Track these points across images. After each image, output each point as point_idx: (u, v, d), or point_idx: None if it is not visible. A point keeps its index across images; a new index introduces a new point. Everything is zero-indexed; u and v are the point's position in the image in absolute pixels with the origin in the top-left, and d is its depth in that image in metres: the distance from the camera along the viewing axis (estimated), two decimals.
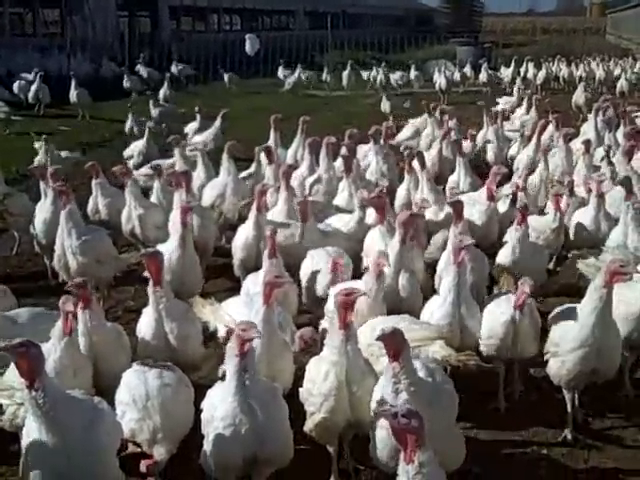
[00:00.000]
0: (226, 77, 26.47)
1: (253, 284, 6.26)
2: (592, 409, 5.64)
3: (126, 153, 12.71)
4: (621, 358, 5.34)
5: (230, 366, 4.19)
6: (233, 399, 4.12)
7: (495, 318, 5.49)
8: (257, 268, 6.64)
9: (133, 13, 34.74)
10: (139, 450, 4.56)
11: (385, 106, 19.18)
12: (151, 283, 5.39)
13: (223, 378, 4.77)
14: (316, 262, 6.70)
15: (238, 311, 5.65)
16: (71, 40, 28.11)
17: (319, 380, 4.51)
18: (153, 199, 8.87)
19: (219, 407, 4.19)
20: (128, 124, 15.51)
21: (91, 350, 5.16)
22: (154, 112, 16.97)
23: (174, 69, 26.69)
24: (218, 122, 13.78)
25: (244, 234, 7.50)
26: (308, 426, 4.62)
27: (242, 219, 8.14)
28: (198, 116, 14.66)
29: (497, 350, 5.49)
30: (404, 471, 3.51)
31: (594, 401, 5.67)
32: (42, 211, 8.32)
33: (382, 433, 4.12)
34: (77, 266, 7.29)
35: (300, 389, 4.74)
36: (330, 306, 5.70)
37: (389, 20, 61.72)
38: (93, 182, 8.99)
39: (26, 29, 32.77)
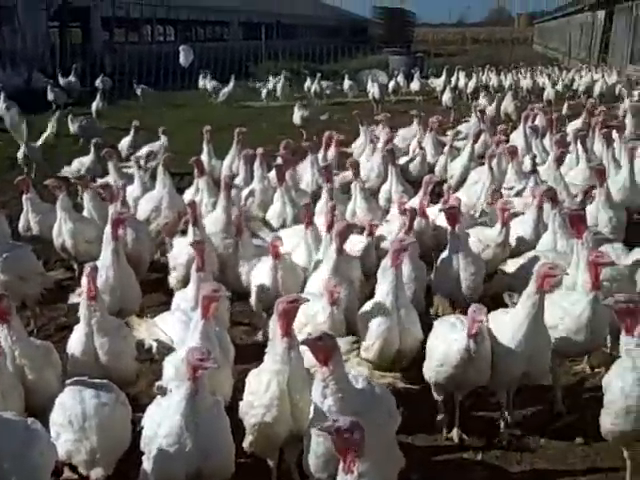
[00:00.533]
0: (139, 91, 25.91)
1: (183, 300, 6.24)
2: (525, 410, 5.78)
3: (70, 170, 12.14)
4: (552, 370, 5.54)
5: (181, 389, 4.17)
6: (180, 418, 4.09)
7: (448, 345, 5.17)
8: None
9: (65, 24, 34.18)
10: (75, 477, 4.51)
11: (296, 117, 18.28)
12: (85, 297, 5.29)
13: (161, 392, 4.81)
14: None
15: (171, 327, 5.63)
16: (0, 52, 27.48)
17: (260, 391, 4.49)
18: (85, 213, 8.74)
19: (163, 424, 4.15)
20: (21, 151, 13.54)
21: (17, 368, 5.00)
22: (73, 127, 16.63)
23: (98, 82, 26.14)
24: (163, 137, 13.53)
25: (186, 250, 7.20)
26: (248, 440, 4.60)
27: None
28: (132, 130, 14.42)
29: (448, 378, 5.23)
30: None
31: (526, 403, 5.81)
32: None
33: (316, 444, 4.12)
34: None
35: (240, 403, 4.71)
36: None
37: (323, 30, 62.17)
38: (23, 197, 8.81)
39: None
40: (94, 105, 20.30)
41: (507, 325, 5.21)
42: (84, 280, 5.31)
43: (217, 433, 4.19)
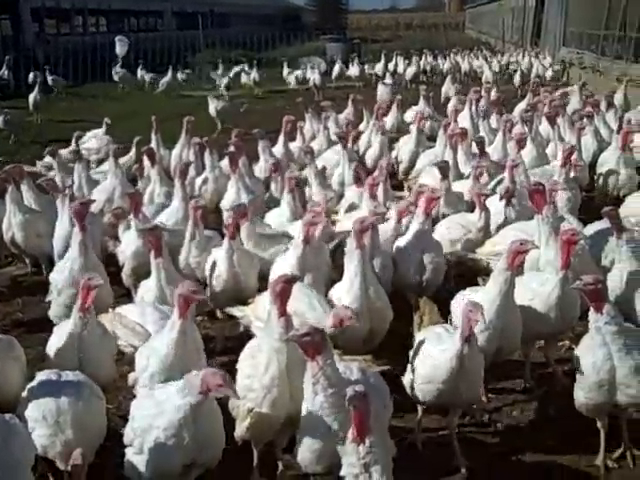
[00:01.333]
0: (50, 79, 25.32)
1: (146, 291, 6.18)
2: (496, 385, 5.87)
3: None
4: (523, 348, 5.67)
5: (193, 394, 4.03)
6: (183, 414, 4.02)
7: (436, 358, 4.74)
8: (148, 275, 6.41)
9: None
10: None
11: (211, 109, 17.82)
12: (79, 306, 5.07)
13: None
14: None
15: (141, 319, 5.55)
16: None
17: (259, 373, 4.46)
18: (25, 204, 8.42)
19: (161, 417, 4.08)
20: None
21: None
22: None
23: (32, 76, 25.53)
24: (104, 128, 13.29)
25: (133, 242, 7.21)
26: (243, 427, 4.56)
27: None
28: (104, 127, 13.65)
29: (437, 397, 4.81)
30: (354, 451, 3.54)
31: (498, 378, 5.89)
32: None
33: (311, 438, 4.12)
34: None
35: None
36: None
37: (257, 19, 61.84)
38: None
39: None
40: (31, 98, 19.81)
41: (479, 300, 5.26)
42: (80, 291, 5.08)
43: (213, 424, 4.19)
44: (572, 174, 8.62)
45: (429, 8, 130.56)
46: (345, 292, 5.66)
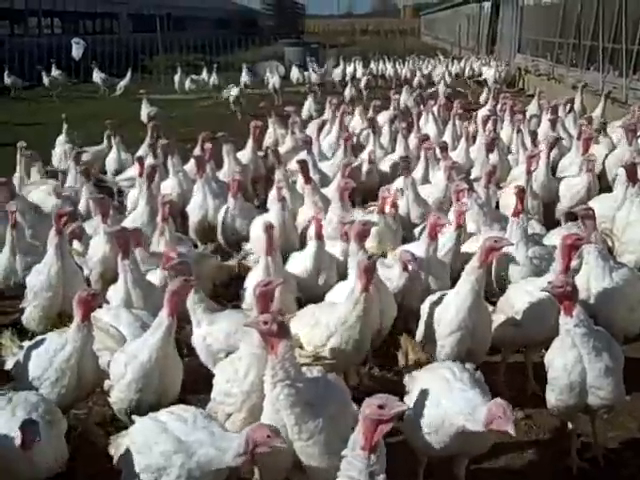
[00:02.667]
0: (7, 79, 25.13)
1: (114, 294, 6.13)
2: None
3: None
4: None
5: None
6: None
7: (444, 410, 4.20)
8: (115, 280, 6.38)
9: None
10: None
11: (143, 114, 17.45)
12: (78, 320, 4.92)
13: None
14: None
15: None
16: None
17: (239, 378, 4.45)
18: None
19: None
20: None
21: None
22: None
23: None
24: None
25: (100, 248, 7.12)
26: None
27: None
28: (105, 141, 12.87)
29: (445, 448, 4.29)
30: (362, 459, 3.40)
31: None
32: None
33: None
34: None
35: (213, 394, 4.67)
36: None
37: (215, 23, 61.56)
38: None
39: None
40: None
41: (450, 301, 5.35)
42: (76, 304, 4.94)
43: None
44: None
45: (384, 14, 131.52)
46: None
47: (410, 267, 5.92)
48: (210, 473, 3.79)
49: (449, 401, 4.18)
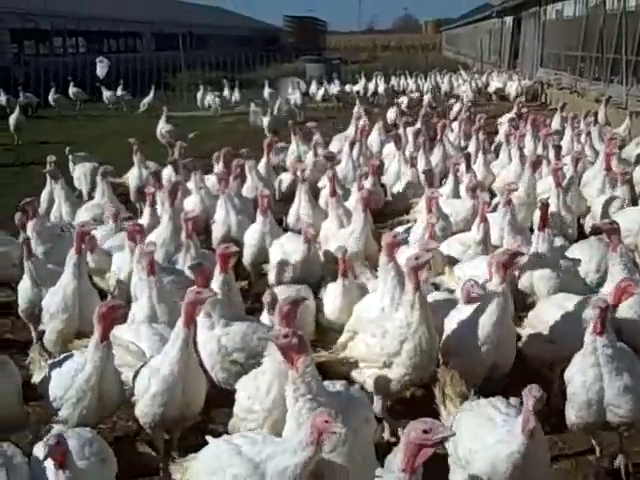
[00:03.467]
0: (22, 97, 25.25)
1: (139, 310, 6.11)
2: None
3: None
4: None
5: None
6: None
7: (495, 453, 3.98)
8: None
9: None
10: None
11: (158, 130, 17.37)
12: (97, 339, 4.87)
13: None
14: None
15: (137, 338, 5.49)
16: None
17: (261, 394, 4.45)
18: None
19: None
20: None
21: None
22: None
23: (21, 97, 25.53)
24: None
25: (127, 264, 7.11)
26: None
27: None
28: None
29: None
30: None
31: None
32: None
33: None
34: None
35: (235, 410, 4.68)
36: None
37: (236, 40, 62.02)
38: None
39: None
40: (12, 119, 19.67)
41: (474, 316, 5.31)
42: (97, 320, 4.90)
43: None
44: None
45: (406, 30, 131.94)
46: (387, 306, 5.68)
47: (473, 295, 5.64)
48: (290, 476, 3.70)
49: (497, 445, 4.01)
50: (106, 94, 27.47)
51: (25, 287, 6.79)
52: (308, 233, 7.28)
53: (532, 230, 7.53)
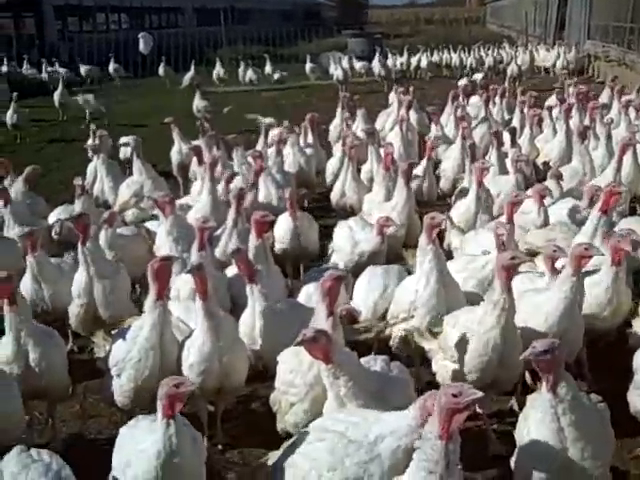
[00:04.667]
0: (112, 67, 25.69)
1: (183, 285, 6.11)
2: None
3: None
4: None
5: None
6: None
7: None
8: None
9: (17, 14, 33.51)
10: None
11: (194, 107, 17.56)
12: (153, 297, 4.90)
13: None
14: None
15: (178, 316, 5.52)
16: None
17: (303, 369, 4.45)
18: None
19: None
20: None
21: (21, 349, 4.94)
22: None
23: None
24: None
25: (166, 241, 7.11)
26: (288, 421, 4.55)
27: None
28: None
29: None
30: (439, 449, 3.27)
31: None
32: None
33: None
34: None
35: (276, 383, 4.71)
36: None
37: (278, 15, 61.74)
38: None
39: None
40: (56, 95, 19.87)
41: (542, 305, 5.10)
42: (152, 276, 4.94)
43: None
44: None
45: (449, 2, 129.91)
46: (422, 287, 5.49)
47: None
48: (401, 458, 3.61)
49: None
50: (165, 69, 27.46)
51: (27, 283, 6.40)
52: (384, 227, 6.90)
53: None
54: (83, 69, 26.67)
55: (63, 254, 7.10)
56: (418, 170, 9.24)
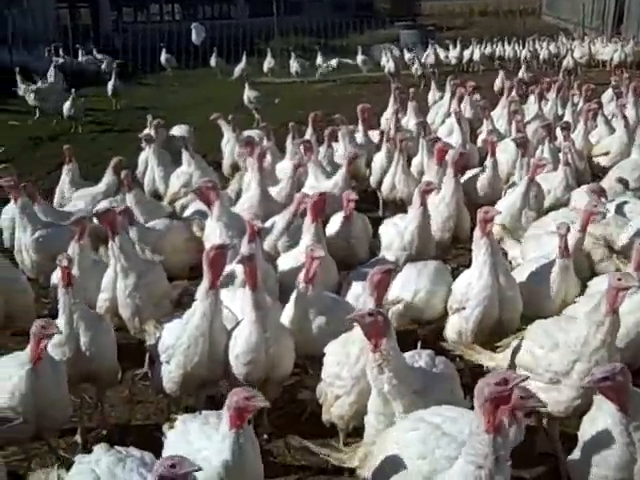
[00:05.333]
0: (163, 57, 25.99)
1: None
2: None
3: None
4: None
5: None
6: None
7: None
8: None
9: (73, 5, 34.06)
10: None
11: (245, 97, 17.34)
12: (207, 286, 4.97)
13: None
14: None
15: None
16: (13, 34, 27.24)
17: (350, 362, 4.45)
18: None
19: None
20: None
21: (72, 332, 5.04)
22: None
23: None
24: None
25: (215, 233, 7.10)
26: (334, 413, 4.57)
27: None
28: None
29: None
30: (488, 443, 3.18)
31: None
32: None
33: (372, 421, 4.13)
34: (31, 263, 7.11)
35: (322, 374, 4.72)
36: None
37: (330, 5, 61.43)
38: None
39: None
40: (109, 85, 20.17)
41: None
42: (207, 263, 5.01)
43: None
44: None
45: None
46: (475, 279, 5.50)
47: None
48: None
49: None
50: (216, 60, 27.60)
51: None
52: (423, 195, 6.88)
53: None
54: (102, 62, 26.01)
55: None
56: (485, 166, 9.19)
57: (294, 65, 25.74)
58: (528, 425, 4.89)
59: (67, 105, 16.80)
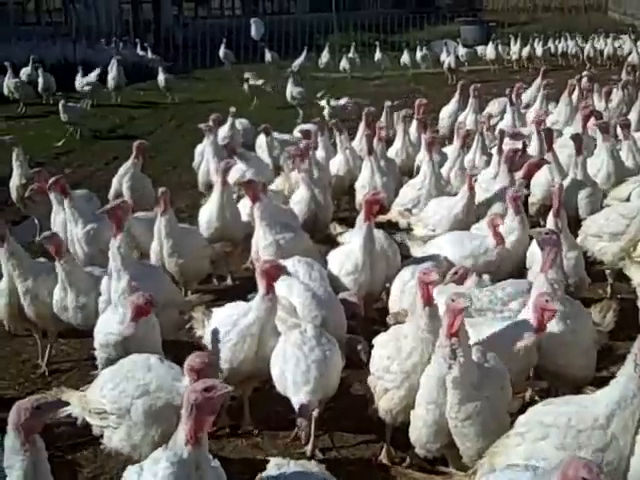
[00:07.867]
0: (221, 52, 26.31)
1: None
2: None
3: None
4: None
5: None
6: None
7: None
8: None
9: (136, 0, 34.61)
10: None
11: (288, 93, 17.35)
12: (263, 292, 5.03)
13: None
14: None
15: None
16: (76, 28, 27.80)
17: (401, 357, 4.45)
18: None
19: None
20: None
21: None
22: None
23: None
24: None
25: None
26: (381, 406, 4.58)
27: None
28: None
29: None
30: None
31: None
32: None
33: (426, 413, 4.12)
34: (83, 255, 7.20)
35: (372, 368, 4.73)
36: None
37: (389, 1, 61.18)
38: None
39: (27, 18, 32.34)
40: (160, 79, 20.43)
41: None
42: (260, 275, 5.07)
43: None
44: None
45: None
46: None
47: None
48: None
49: None
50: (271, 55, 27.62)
51: (57, 290, 6.15)
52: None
53: None
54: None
55: None
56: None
57: (343, 62, 25.64)
58: None
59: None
